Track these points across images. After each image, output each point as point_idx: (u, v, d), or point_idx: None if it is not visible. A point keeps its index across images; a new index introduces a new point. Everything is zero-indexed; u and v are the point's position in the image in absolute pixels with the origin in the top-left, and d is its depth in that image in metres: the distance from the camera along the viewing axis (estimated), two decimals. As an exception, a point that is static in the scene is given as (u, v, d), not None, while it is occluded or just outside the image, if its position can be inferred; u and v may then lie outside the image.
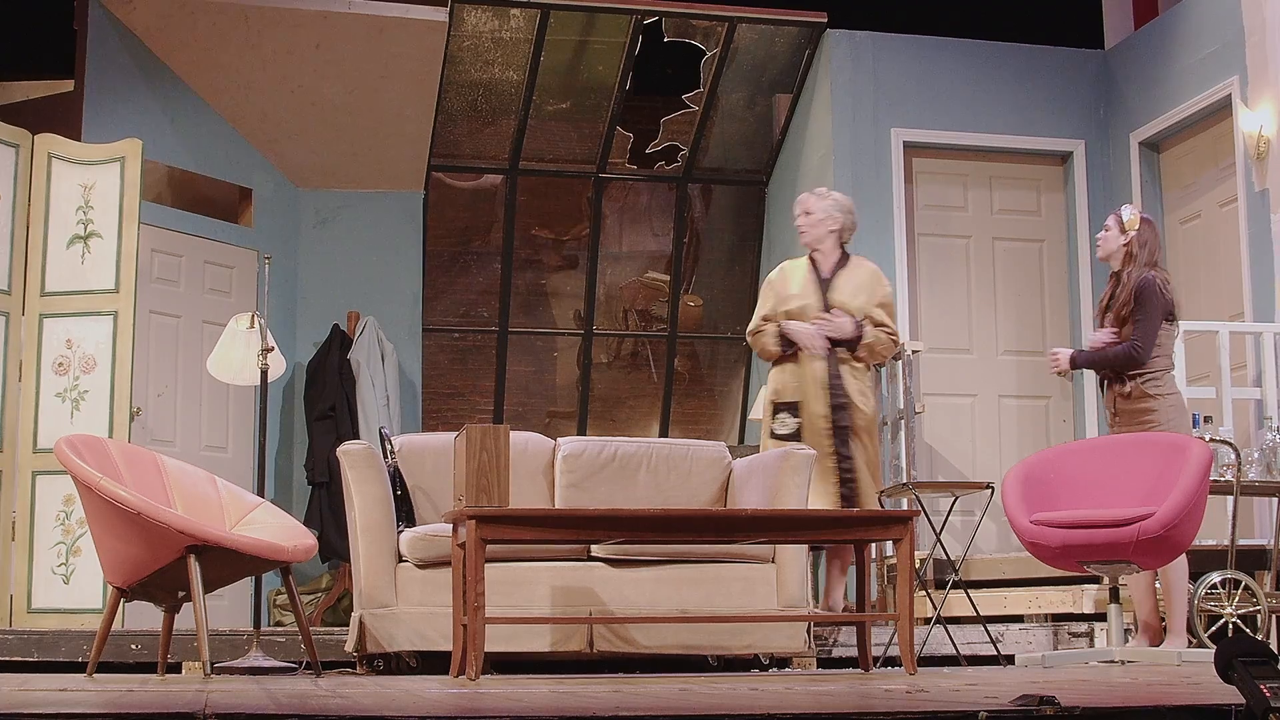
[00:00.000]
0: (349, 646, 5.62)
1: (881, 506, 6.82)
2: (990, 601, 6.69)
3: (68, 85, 8.56)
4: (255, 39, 8.69)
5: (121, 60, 8.47)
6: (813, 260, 6.79)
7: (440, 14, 8.66)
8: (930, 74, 8.72)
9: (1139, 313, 6.07)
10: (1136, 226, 6.21)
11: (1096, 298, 8.68)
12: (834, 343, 6.60)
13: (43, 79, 9.38)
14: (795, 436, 6.49)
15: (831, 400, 6.56)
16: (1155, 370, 6.07)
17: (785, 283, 6.79)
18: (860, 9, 8.91)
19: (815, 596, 7.57)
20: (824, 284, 6.69)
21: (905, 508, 6.59)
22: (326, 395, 9.15)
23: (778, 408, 6.64)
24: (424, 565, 5.51)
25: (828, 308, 6.63)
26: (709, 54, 9.06)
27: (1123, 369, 6.12)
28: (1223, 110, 7.82)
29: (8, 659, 5.91)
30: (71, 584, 7.01)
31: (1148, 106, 8.43)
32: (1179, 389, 6.23)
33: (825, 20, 8.76)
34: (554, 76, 9.17)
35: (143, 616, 6.43)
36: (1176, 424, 6.03)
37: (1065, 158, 8.84)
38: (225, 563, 5.11)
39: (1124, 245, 6.21)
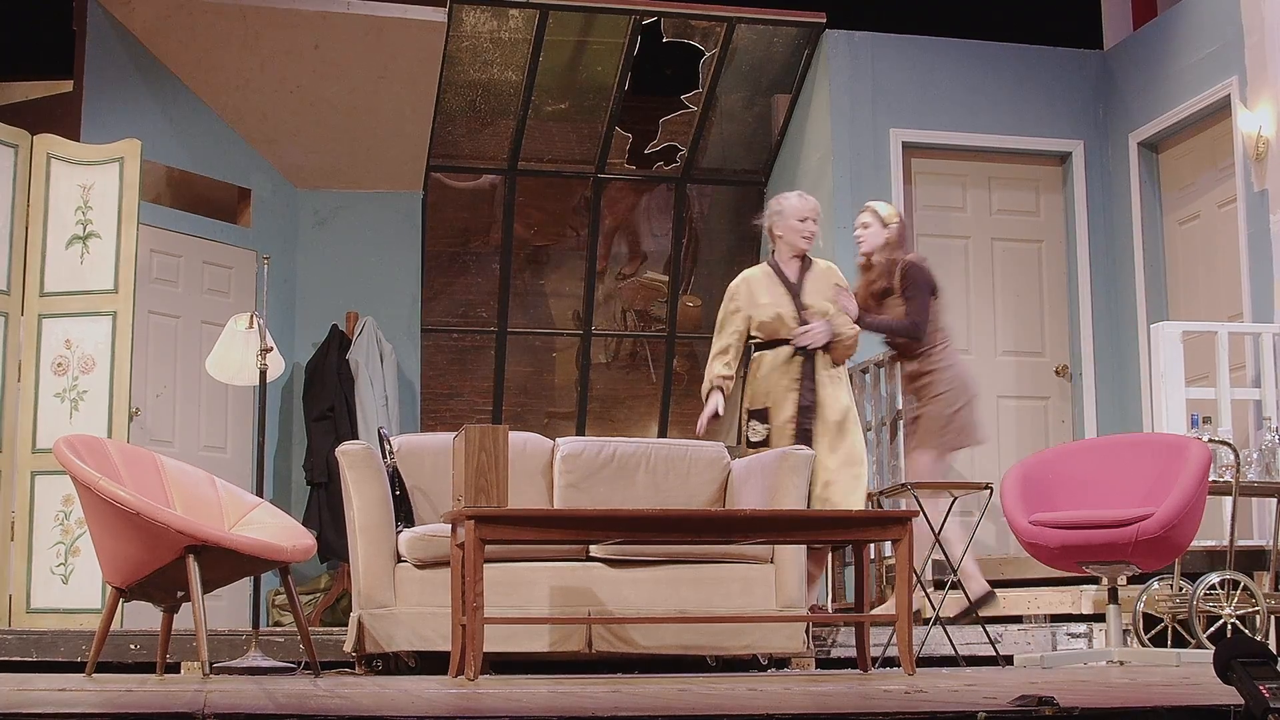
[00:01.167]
0: (348, 647, 5.62)
1: (879, 505, 6.83)
2: (989, 602, 6.68)
3: (66, 86, 8.55)
4: (254, 39, 8.69)
5: (120, 61, 8.47)
6: (774, 266, 6.65)
7: (439, 14, 8.65)
8: (929, 74, 8.72)
9: (910, 291, 6.55)
10: (896, 220, 6.70)
11: (1096, 298, 8.72)
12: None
13: (42, 79, 9.37)
14: (765, 444, 6.44)
15: (800, 401, 6.45)
16: (933, 345, 6.58)
17: (753, 294, 6.59)
18: (859, 9, 8.90)
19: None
20: (793, 289, 6.60)
21: (904, 508, 6.58)
22: (325, 395, 9.15)
23: (751, 414, 6.60)
24: (423, 565, 5.51)
25: (801, 313, 6.57)
26: (708, 54, 9.05)
27: (905, 338, 6.60)
28: (1222, 111, 7.82)
29: (7, 659, 5.91)
30: (70, 584, 7.01)
31: (1147, 107, 8.43)
32: (957, 360, 6.69)
33: (824, 21, 8.76)
34: (553, 77, 9.16)
35: (141, 616, 6.43)
36: (957, 392, 6.51)
37: (1064, 158, 8.84)
38: (224, 563, 5.11)
39: (887, 239, 6.66)
